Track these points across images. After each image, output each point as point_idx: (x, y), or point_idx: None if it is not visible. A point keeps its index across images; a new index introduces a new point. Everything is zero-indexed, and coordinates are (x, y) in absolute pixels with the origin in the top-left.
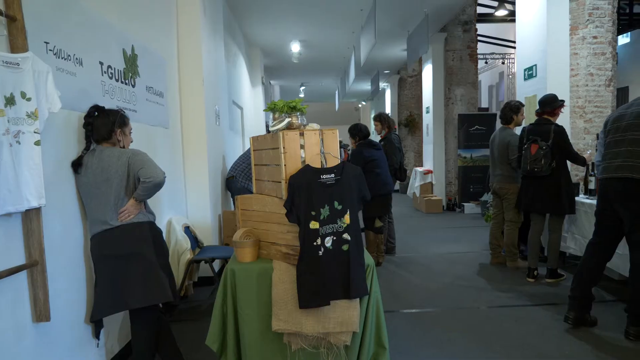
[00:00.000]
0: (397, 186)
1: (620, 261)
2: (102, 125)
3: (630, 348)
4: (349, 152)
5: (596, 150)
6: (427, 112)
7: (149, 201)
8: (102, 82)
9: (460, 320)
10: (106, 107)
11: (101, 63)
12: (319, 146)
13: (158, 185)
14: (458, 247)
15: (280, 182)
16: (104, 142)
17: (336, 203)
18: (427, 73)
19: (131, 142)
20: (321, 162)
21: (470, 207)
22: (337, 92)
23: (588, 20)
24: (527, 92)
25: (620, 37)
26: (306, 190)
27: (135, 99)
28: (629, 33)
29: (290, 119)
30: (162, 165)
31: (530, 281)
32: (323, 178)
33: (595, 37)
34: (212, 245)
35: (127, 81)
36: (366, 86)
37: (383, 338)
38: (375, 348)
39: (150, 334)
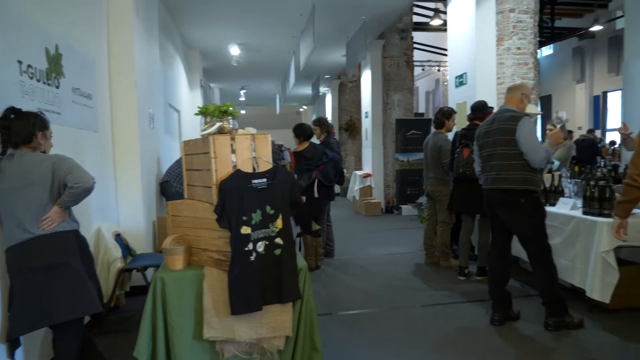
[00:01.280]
0: (337, 189)
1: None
2: (22, 129)
3: (550, 338)
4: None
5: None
6: (366, 116)
7: (74, 209)
8: (21, 82)
9: (395, 320)
10: (25, 110)
11: (20, 62)
12: (251, 151)
13: (87, 191)
14: (395, 249)
15: (211, 187)
16: (23, 147)
17: (268, 207)
18: (366, 79)
19: (51, 146)
20: (253, 166)
21: (407, 209)
22: (278, 95)
23: (512, 32)
24: (458, 99)
25: (544, 48)
26: (237, 195)
27: (60, 100)
28: (552, 45)
29: (221, 123)
30: (91, 170)
31: (461, 279)
32: (254, 183)
33: (519, 48)
34: (145, 253)
35: (50, 82)
36: (307, 90)
37: (317, 341)
38: (309, 351)
39: (76, 347)
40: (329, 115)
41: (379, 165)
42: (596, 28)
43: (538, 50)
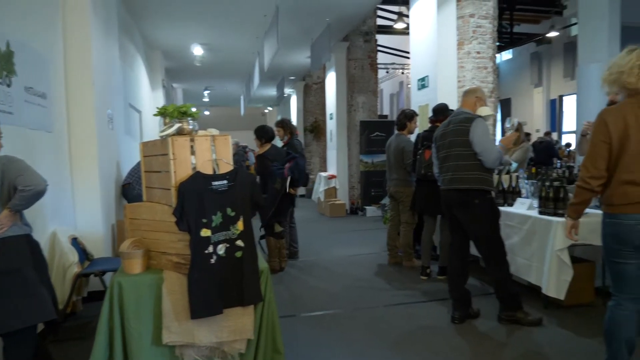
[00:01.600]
0: (302, 191)
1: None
2: None
3: (506, 334)
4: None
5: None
6: (331, 118)
7: (26, 212)
8: None
9: (358, 320)
10: None
11: None
12: (211, 152)
13: (39, 194)
14: (359, 249)
15: (170, 189)
16: None
17: (229, 210)
18: (331, 80)
19: (1, 147)
20: (213, 168)
21: (372, 210)
22: (242, 96)
23: (472, 37)
24: (420, 101)
25: (504, 53)
26: (197, 197)
27: (11, 100)
28: (511, 50)
29: (180, 124)
30: (45, 172)
31: (423, 279)
32: (215, 185)
33: (478, 53)
34: (103, 257)
35: (0, 80)
36: (272, 92)
37: (278, 343)
38: (270, 354)
39: (29, 357)
40: (294, 116)
41: (344, 167)
42: (552, 34)
43: (498, 55)
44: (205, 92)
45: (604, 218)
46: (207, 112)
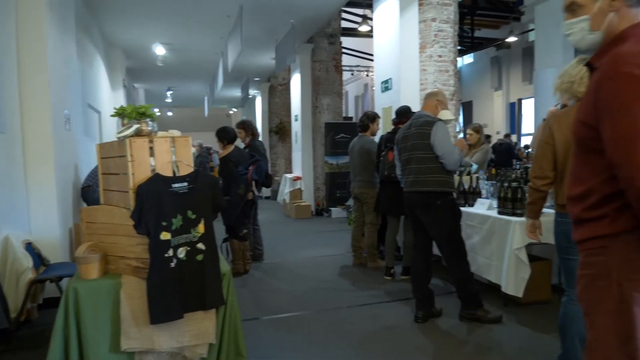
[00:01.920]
0: (268, 192)
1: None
2: None
3: (467, 332)
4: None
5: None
6: (296, 120)
7: None
8: None
9: (322, 321)
10: None
11: None
12: (171, 154)
13: None
14: (324, 251)
15: (128, 191)
16: None
17: (190, 212)
18: (296, 82)
19: None
20: (173, 170)
21: (337, 212)
22: (206, 97)
23: (434, 40)
24: (384, 103)
25: (465, 57)
26: (156, 200)
27: None
28: (472, 54)
29: (139, 125)
30: None
31: (387, 279)
32: (175, 187)
33: (440, 56)
34: (60, 262)
35: None
36: (236, 93)
37: (241, 347)
38: (233, 357)
39: None
40: (258, 118)
41: (309, 168)
42: (511, 39)
43: (459, 59)
44: (168, 93)
45: (556, 217)
46: (170, 113)
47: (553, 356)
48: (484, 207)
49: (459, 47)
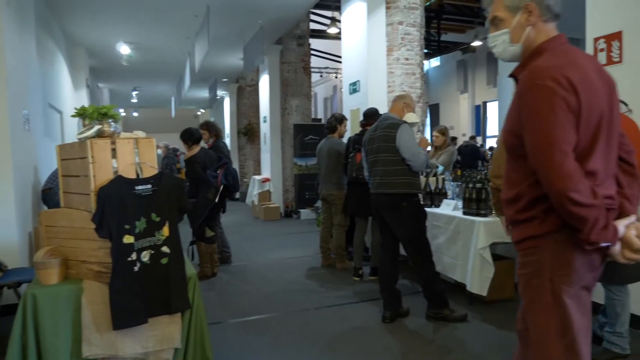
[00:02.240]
0: (236, 194)
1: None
2: None
3: (433, 331)
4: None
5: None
6: (265, 121)
7: None
8: None
9: (291, 323)
10: None
11: None
12: (134, 155)
13: None
14: (293, 252)
15: (89, 194)
16: None
17: (153, 215)
18: (264, 83)
19: None
20: (136, 172)
21: (306, 213)
22: (173, 98)
23: (401, 43)
24: (352, 105)
25: (432, 60)
26: (118, 203)
27: None
28: (439, 57)
29: (100, 126)
30: None
31: (356, 280)
32: (138, 189)
33: (407, 59)
34: (18, 267)
35: None
36: (204, 93)
37: (207, 351)
38: None
39: None
40: (227, 119)
41: (278, 170)
42: (476, 43)
43: (426, 62)
44: (134, 93)
45: None
46: (135, 114)
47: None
48: (449, 208)
49: (425, 51)
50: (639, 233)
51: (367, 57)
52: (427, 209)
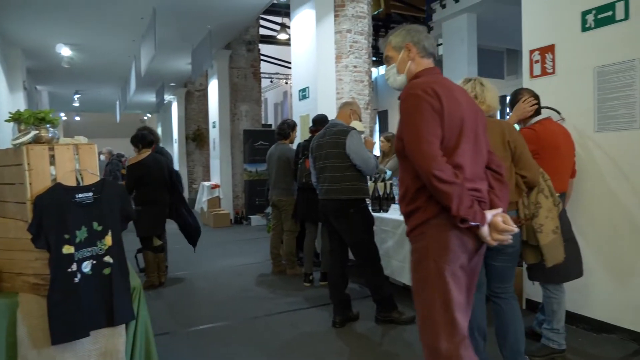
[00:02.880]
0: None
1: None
2: None
3: (381, 334)
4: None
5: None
6: (214, 126)
7: None
8: None
9: (241, 331)
10: None
11: None
12: (74, 162)
13: None
14: (244, 259)
15: (25, 203)
16: None
17: (95, 224)
18: (213, 88)
19: None
20: (76, 179)
21: (256, 220)
22: (118, 102)
23: (349, 51)
24: (301, 111)
25: (382, 67)
26: (57, 212)
27: None
28: None
29: (37, 131)
30: None
31: (306, 286)
32: (78, 197)
33: (355, 67)
34: None
35: None
36: (151, 98)
37: None
38: None
39: None
40: (175, 124)
41: (227, 176)
42: None
43: (375, 69)
44: (76, 97)
45: None
46: (77, 118)
47: None
48: (397, 213)
49: (374, 58)
50: (504, 219)
51: (317, 64)
52: (375, 214)
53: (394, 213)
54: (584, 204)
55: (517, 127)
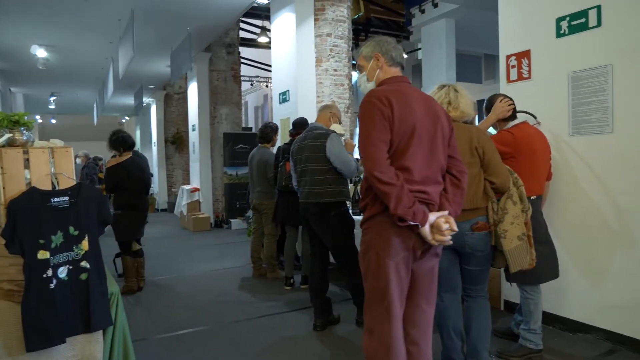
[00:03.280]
0: (164, 205)
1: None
2: None
3: (361, 334)
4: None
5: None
6: (193, 129)
7: None
8: None
9: (221, 336)
10: None
11: None
12: (49, 166)
13: None
14: (224, 263)
15: None
16: None
17: (71, 228)
18: (193, 91)
19: None
20: (52, 183)
21: (237, 223)
22: (95, 104)
23: (330, 55)
24: (281, 115)
25: None
26: (32, 216)
27: None
28: None
29: (11, 134)
30: None
31: (287, 289)
32: (54, 201)
33: (335, 70)
34: None
35: None
36: (129, 100)
37: None
38: None
39: None
40: (154, 127)
41: (207, 179)
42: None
43: (356, 73)
44: (52, 99)
45: None
46: (53, 121)
47: (437, 353)
48: None
49: (354, 62)
50: (447, 221)
51: (297, 67)
52: (356, 217)
53: None
54: (560, 206)
55: (493, 130)
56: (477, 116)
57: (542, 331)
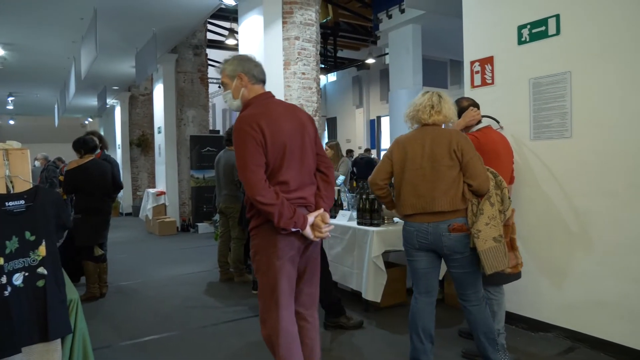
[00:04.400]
0: (129, 209)
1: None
2: None
3: (330, 340)
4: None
5: None
6: (159, 132)
7: None
8: None
9: (186, 342)
10: None
11: None
12: (3, 168)
13: None
14: (191, 268)
15: None
16: None
17: (28, 233)
18: (158, 93)
19: None
20: (7, 186)
21: (204, 227)
22: (56, 105)
23: (298, 58)
24: None
25: (330, 75)
26: None
27: None
28: (336, 72)
29: None
30: None
31: (254, 293)
32: (9, 205)
33: (303, 74)
34: None
35: None
36: (92, 101)
37: None
38: None
39: None
40: (118, 129)
41: (174, 183)
42: (370, 61)
43: (323, 77)
44: (10, 99)
45: (403, 225)
46: (12, 122)
47: (407, 354)
48: (345, 219)
49: (322, 66)
50: (323, 219)
51: (265, 70)
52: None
53: (342, 219)
54: (522, 208)
55: None
56: None
57: (505, 331)
